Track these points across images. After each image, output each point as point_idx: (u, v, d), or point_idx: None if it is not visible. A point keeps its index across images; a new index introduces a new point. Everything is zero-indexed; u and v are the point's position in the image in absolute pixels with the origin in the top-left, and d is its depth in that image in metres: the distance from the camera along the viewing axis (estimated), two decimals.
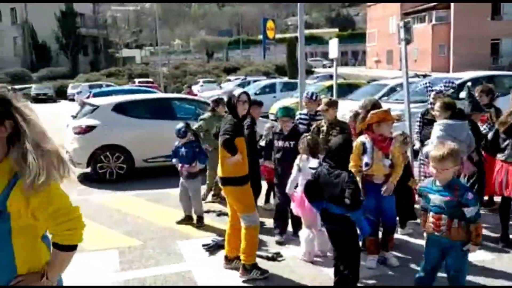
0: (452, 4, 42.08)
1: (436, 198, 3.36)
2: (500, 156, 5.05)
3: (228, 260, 4.56)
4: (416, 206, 5.12)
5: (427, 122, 6.26)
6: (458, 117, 5.26)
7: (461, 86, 11.07)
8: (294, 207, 4.85)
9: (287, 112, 5.37)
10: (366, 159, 4.42)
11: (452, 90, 6.28)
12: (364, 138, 4.50)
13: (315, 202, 3.98)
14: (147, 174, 8.89)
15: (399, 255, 4.75)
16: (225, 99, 4.48)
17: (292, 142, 5.19)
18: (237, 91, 4.37)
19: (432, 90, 6.32)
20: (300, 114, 6.41)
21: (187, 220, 6.02)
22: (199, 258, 4.90)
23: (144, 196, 7.50)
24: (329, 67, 54.84)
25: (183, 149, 5.97)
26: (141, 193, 7.70)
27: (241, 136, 4.26)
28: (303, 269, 4.56)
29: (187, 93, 19.74)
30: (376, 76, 34.89)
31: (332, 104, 5.57)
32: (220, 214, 6.33)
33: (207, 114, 7.14)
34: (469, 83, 7.05)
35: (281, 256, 4.85)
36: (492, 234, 5.26)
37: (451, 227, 3.32)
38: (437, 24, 43.92)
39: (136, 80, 38.20)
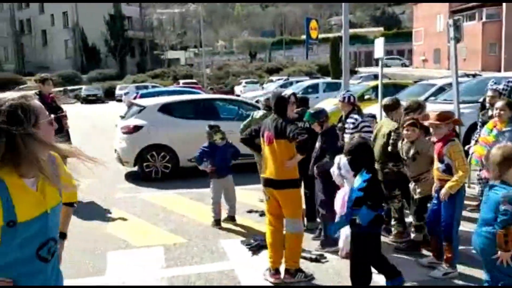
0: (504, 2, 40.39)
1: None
2: None
3: (289, 273, 4.32)
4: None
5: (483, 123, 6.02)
6: None
7: None
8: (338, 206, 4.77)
9: (311, 117, 5.32)
10: None
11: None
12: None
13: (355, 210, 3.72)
14: (191, 173, 9.04)
15: None
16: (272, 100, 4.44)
17: (318, 143, 5.24)
18: (287, 92, 4.40)
19: (494, 89, 6.10)
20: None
21: (229, 219, 6.09)
22: (242, 258, 4.94)
23: (188, 194, 7.64)
24: (405, 66, 54.01)
25: None
26: (185, 191, 7.85)
27: None
28: (347, 271, 4.50)
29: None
30: (423, 75, 33.96)
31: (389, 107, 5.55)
32: (263, 214, 6.33)
33: (263, 113, 6.74)
34: None
35: (325, 257, 4.82)
36: None
37: None
38: (487, 22, 42.27)
39: (181, 81, 38.95)
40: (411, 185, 4.85)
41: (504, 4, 40.29)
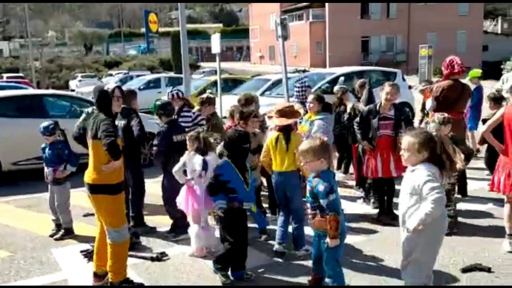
0: (326, 3, 44.77)
1: (308, 188, 3.52)
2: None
3: (98, 276, 4.09)
4: None
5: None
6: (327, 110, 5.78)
7: (334, 81, 11.91)
8: (183, 203, 4.76)
9: (158, 108, 5.33)
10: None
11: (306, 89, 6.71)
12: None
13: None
14: (17, 178, 8.12)
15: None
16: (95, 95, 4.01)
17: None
18: (110, 86, 4.10)
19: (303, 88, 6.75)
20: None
21: (58, 229, 5.50)
22: (76, 266, 4.59)
23: (14, 202, 6.86)
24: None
25: (47, 150, 5.42)
26: (10, 199, 7.03)
27: (118, 137, 3.90)
28: (189, 266, 4.51)
29: None
30: (261, 71, 35.93)
31: (205, 102, 5.73)
32: None
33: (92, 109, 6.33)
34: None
35: (166, 255, 4.75)
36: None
37: (315, 217, 3.45)
38: (313, 22, 46.44)
39: (4, 75, 34.73)
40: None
41: (327, 6, 44.70)
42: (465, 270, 4.15)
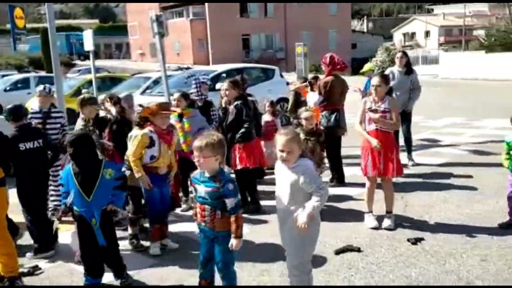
0: (206, 3, 44.92)
1: (201, 189, 3.31)
2: None
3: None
4: None
5: None
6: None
7: (216, 78, 12.06)
8: None
9: (7, 113, 4.81)
10: (153, 152, 4.48)
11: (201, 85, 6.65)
12: (148, 130, 4.47)
13: None
14: None
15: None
16: None
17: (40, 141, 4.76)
18: None
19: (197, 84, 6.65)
20: (32, 110, 5.86)
21: None
22: None
23: None
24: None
25: None
26: None
27: None
28: (66, 278, 4.25)
29: None
30: (142, 69, 34.88)
31: (86, 102, 5.50)
32: None
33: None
34: None
35: (40, 268, 4.42)
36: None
37: (215, 218, 3.27)
38: (194, 20, 46.31)
39: None
40: None
41: (206, 4, 44.84)
42: (337, 252, 4.47)
